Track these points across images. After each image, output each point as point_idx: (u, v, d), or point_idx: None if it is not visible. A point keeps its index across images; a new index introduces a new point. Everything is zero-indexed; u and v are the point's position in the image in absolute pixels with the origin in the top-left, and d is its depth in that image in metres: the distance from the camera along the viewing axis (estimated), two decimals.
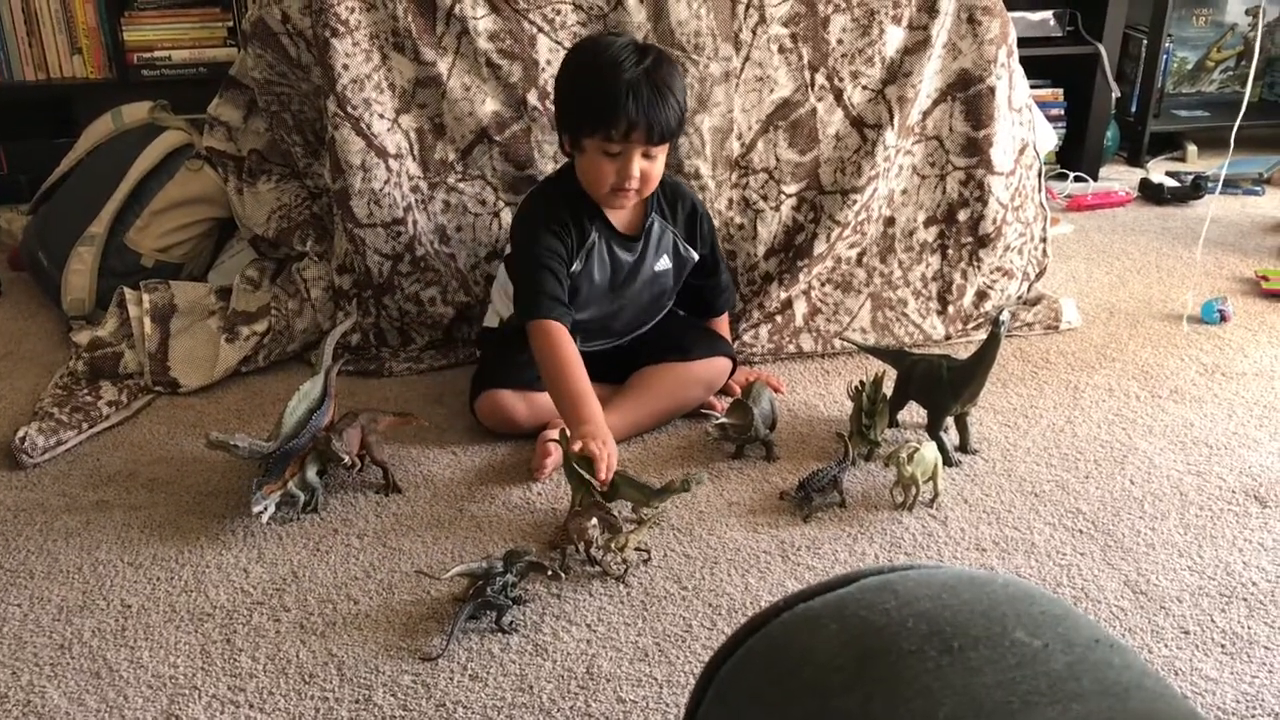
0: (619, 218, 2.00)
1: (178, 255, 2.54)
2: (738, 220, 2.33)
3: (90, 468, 1.95)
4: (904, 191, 2.39)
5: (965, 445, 1.98)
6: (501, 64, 2.21)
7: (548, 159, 2.25)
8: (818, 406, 2.15)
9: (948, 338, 2.40)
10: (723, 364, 2.10)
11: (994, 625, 0.64)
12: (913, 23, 2.30)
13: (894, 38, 2.30)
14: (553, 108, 2.22)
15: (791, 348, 2.33)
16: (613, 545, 1.64)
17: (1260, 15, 3.71)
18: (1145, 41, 3.54)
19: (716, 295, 2.18)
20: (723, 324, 2.22)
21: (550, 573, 1.58)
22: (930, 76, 2.32)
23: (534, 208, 2.02)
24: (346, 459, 1.77)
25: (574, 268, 1.97)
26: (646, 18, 2.24)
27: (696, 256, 2.10)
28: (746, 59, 2.28)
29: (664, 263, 2.06)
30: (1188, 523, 1.77)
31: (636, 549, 1.66)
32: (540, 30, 2.22)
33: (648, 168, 1.90)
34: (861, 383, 1.97)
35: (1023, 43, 2.54)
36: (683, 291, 2.16)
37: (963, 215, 2.39)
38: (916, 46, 2.30)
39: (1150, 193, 3.31)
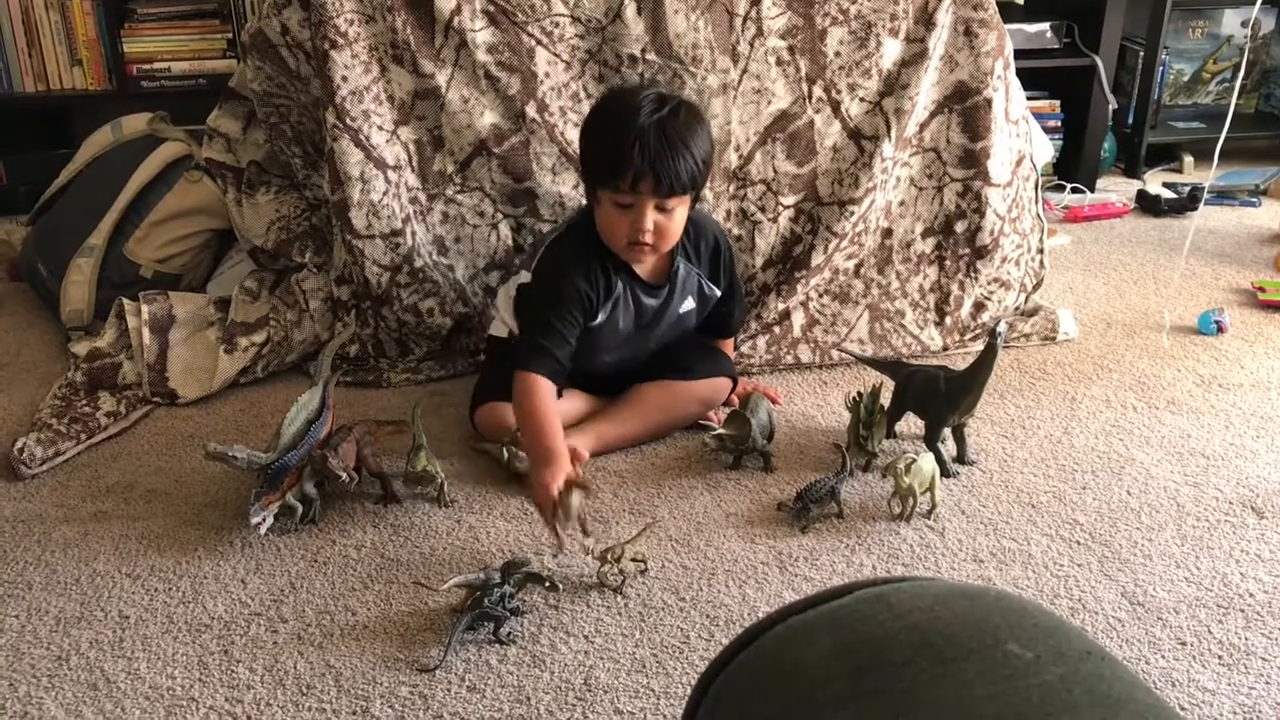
0: (644, 267, 1.96)
1: (176, 266, 2.54)
2: (735, 232, 2.33)
3: (88, 479, 1.95)
4: (901, 203, 2.39)
5: (962, 456, 1.98)
6: (500, 76, 2.21)
7: (546, 171, 2.25)
8: (815, 417, 2.15)
9: (945, 349, 2.41)
10: (724, 384, 2.10)
11: (986, 638, 0.65)
12: (910, 35, 2.31)
13: (891, 50, 2.31)
14: (550, 119, 2.23)
15: (789, 359, 2.34)
16: (609, 557, 1.64)
17: (1255, 27, 3.72)
18: (1142, 53, 3.55)
19: (729, 319, 2.17)
20: (727, 341, 2.22)
21: (548, 584, 1.58)
22: (927, 89, 2.33)
23: (565, 255, 1.95)
24: (344, 476, 1.77)
25: (598, 319, 1.93)
26: (644, 30, 2.25)
27: (719, 293, 2.08)
28: (744, 71, 2.29)
29: (689, 304, 2.04)
30: (1185, 534, 1.78)
31: (633, 560, 1.66)
32: (539, 43, 2.23)
33: (663, 222, 1.84)
34: (859, 394, 1.97)
35: (1019, 55, 2.54)
36: None
37: (960, 227, 2.39)
38: (913, 59, 2.31)
39: (1147, 204, 3.32)
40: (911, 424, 2.06)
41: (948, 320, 2.41)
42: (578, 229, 1.97)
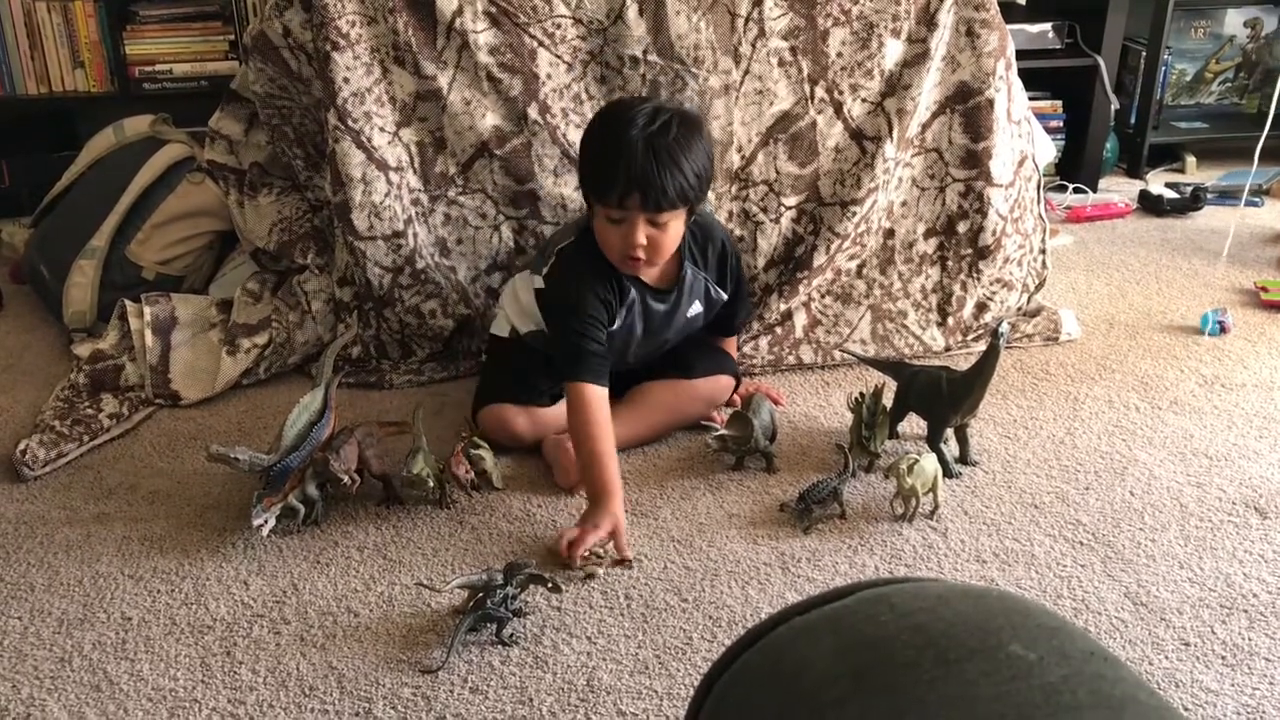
0: (651, 274, 1.97)
1: (179, 268, 2.55)
2: (738, 232, 2.33)
3: (91, 480, 1.95)
4: (903, 203, 2.39)
5: (965, 457, 1.98)
6: (502, 78, 2.22)
7: (548, 173, 2.25)
8: (818, 418, 2.15)
9: (947, 349, 2.40)
10: (726, 382, 2.10)
11: (989, 638, 0.65)
12: (911, 36, 2.31)
13: (893, 51, 2.31)
14: (552, 121, 2.23)
15: (791, 359, 2.34)
16: (584, 569, 1.67)
17: (1257, 27, 3.72)
18: (1144, 53, 3.55)
19: (732, 319, 2.18)
20: (730, 340, 2.22)
21: (550, 585, 1.58)
22: (929, 89, 2.33)
23: (580, 264, 1.94)
24: (345, 479, 1.77)
25: (615, 325, 1.94)
26: (646, 31, 2.25)
27: (726, 296, 2.09)
28: (746, 72, 2.29)
29: (696, 307, 2.05)
30: (1188, 534, 1.77)
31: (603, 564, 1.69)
32: (541, 44, 2.23)
33: (655, 235, 1.84)
34: (861, 394, 1.97)
35: (1021, 55, 2.54)
36: None
37: (962, 227, 2.39)
38: (915, 59, 2.31)
39: (1149, 204, 3.31)
40: (914, 424, 2.05)
41: (950, 321, 2.41)
42: (587, 237, 1.95)
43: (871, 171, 2.31)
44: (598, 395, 1.84)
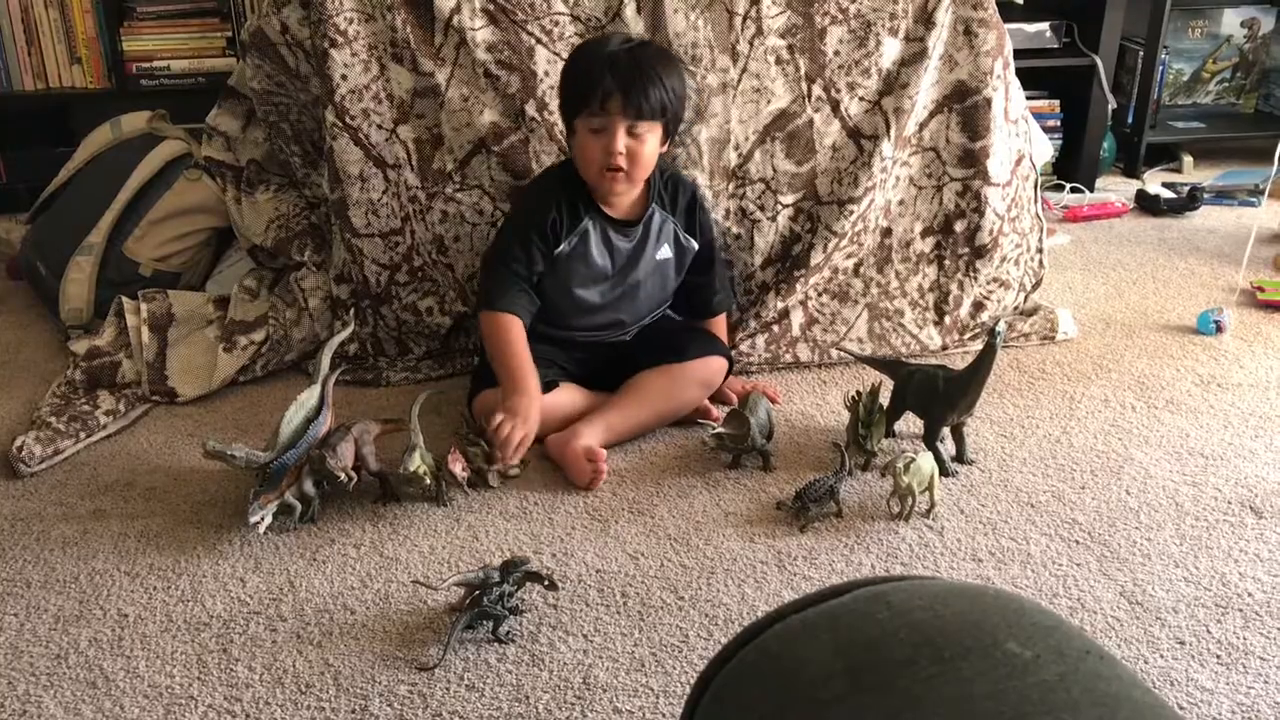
0: (616, 207, 2.03)
1: (176, 265, 2.54)
2: (735, 230, 2.33)
3: (87, 477, 1.95)
4: (901, 202, 2.39)
5: (961, 456, 1.98)
6: (500, 75, 2.21)
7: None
8: (814, 416, 2.15)
9: (944, 348, 2.41)
10: (718, 363, 2.11)
11: (985, 636, 0.65)
12: (909, 34, 2.31)
13: (891, 49, 2.31)
14: (550, 118, 2.23)
15: (788, 357, 2.34)
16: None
17: (1254, 27, 3.73)
18: (1141, 53, 3.55)
19: (711, 294, 2.19)
20: (720, 326, 2.22)
21: (547, 583, 1.58)
22: (927, 88, 2.33)
23: (535, 187, 2.12)
24: (342, 476, 1.77)
25: (561, 249, 2.00)
26: (644, 29, 2.25)
27: (696, 246, 2.12)
28: (744, 70, 2.29)
29: (665, 251, 2.09)
30: (1183, 533, 1.78)
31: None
32: (538, 41, 2.23)
33: (634, 146, 1.92)
34: (858, 393, 1.97)
35: (1019, 54, 2.54)
36: (679, 291, 2.17)
37: (959, 226, 2.39)
38: (913, 58, 2.31)
39: (1147, 204, 3.32)
40: (910, 423, 2.06)
41: (947, 319, 2.41)
42: (553, 170, 2.11)
43: (869, 170, 2.31)
44: (517, 324, 1.97)
